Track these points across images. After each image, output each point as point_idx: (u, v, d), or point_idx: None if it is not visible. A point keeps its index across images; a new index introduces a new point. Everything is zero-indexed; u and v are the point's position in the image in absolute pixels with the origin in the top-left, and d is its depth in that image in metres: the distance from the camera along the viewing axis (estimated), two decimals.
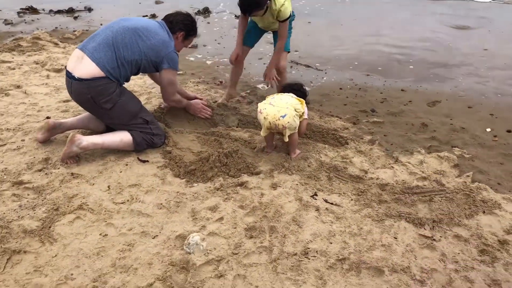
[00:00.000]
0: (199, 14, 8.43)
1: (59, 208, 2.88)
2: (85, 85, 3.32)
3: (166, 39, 3.57)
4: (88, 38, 3.51)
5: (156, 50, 3.49)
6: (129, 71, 3.50)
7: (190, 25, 3.76)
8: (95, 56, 3.34)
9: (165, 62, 3.55)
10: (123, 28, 3.45)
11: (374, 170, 3.39)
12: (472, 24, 7.68)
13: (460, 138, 3.92)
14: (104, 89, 3.36)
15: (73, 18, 8.21)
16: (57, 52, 6.07)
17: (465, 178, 3.31)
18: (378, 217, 2.85)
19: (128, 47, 3.41)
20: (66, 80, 3.47)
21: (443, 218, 2.86)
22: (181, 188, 3.11)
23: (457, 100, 4.77)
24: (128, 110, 3.50)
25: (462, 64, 5.86)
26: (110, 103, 3.40)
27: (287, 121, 3.29)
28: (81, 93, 3.38)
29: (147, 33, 3.48)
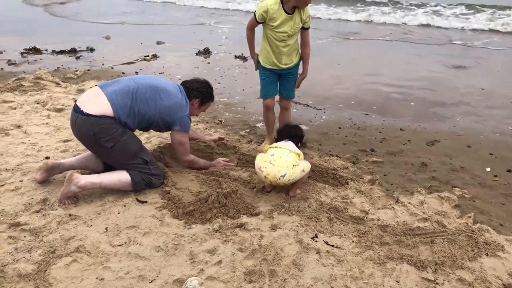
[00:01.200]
0: (199, 54, 8.57)
1: (55, 250, 2.83)
2: (91, 120, 3.34)
3: (182, 103, 3.73)
4: (112, 80, 3.63)
5: (170, 112, 3.64)
6: (137, 123, 3.58)
7: (205, 92, 3.95)
8: (112, 97, 3.42)
9: (177, 124, 3.69)
10: (146, 84, 3.59)
11: (374, 211, 3.36)
12: (468, 64, 7.80)
13: (460, 178, 3.91)
14: (108, 128, 3.38)
15: (75, 58, 8.35)
16: (58, 91, 6.13)
17: (467, 219, 3.28)
18: (380, 260, 2.80)
19: (145, 102, 3.52)
20: (72, 114, 3.49)
21: (445, 260, 2.81)
22: (179, 230, 3.07)
23: (456, 140, 4.79)
24: (128, 149, 3.51)
25: (460, 103, 5.91)
26: (111, 142, 3.40)
27: (288, 179, 3.37)
28: (85, 129, 3.39)
29: (167, 94, 3.64)
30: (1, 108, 5.39)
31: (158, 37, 9.99)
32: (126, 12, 13.69)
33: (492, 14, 12.23)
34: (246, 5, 14.67)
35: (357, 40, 10.15)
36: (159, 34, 10.50)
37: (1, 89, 6.12)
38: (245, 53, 8.44)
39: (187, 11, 14.13)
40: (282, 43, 4.05)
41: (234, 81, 7.01)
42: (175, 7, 14.97)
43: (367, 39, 10.17)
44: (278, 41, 4.05)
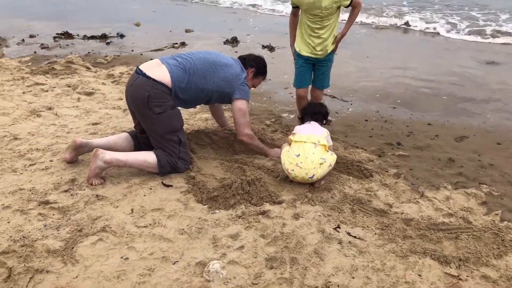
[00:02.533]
0: (227, 43, 8.59)
1: (82, 229, 2.91)
2: (150, 83, 3.47)
3: (238, 72, 3.83)
4: (171, 55, 3.75)
5: (228, 82, 3.74)
6: (193, 97, 3.68)
7: (261, 64, 4.07)
8: (172, 69, 3.54)
9: (236, 92, 3.77)
10: (203, 59, 3.71)
11: (399, 205, 3.33)
12: (500, 60, 7.60)
13: (488, 175, 3.83)
14: (162, 96, 3.49)
15: (106, 43, 8.47)
16: (89, 76, 6.25)
17: (494, 216, 3.22)
18: (402, 253, 2.78)
19: (202, 76, 3.63)
20: (131, 75, 3.64)
21: (470, 257, 2.77)
22: (203, 214, 3.11)
23: (485, 136, 4.69)
24: (171, 123, 3.58)
25: (491, 100, 5.77)
26: (160, 109, 3.49)
27: (317, 179, 3.43)
28: (141, 89, 3.48)
29: (224, 67, 3.76)
30: (34, 90, 5.53)
31: (187, 25, 10.04)
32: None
33: None
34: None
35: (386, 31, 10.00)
36: (189, 22, 10.56)
37: (34, 72, 6.27)
38: (272, 43, 8.43)
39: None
40: (316, 26, 4.09)
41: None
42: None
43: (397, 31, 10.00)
44: (312, 25, 4.09)
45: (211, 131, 4.36)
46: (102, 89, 5.71)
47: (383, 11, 11.71)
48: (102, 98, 5.38)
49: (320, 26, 4.12)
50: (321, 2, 3.98)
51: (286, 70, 6.95)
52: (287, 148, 3.57)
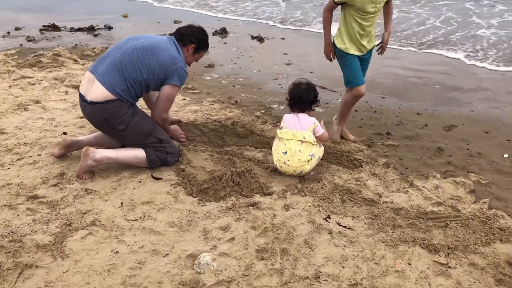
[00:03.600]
0: (216, 34, 8.54)
1: (72, 223, 2.90)
2: (98, 108, 3.36)
3: (175, 55, 3.53)
4: (98, 59, 3.55)
5: (164, 67, 3.46)
6: (139, 91, 3.51)
7: (201, 38, 3.73)
8: (104, 80, 3.36)
9: (173, 77, 3.50)
10: (131, 48, 3.45)
11: (388, 194, 3.35)
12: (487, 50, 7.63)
13: (476, 164, 3.87)
14: (117, 111, 3.39)
15: (93, 35, 8.38)
16: (76, 68, 6.19)
17: (482, 204, 3.25)
18: (392, 242, 2.80)
19: (136, 67, 3.40)
20: (80, 102, 3.52)
21: (458, 245, 2.80)
22: (193, 207, 3.11)
23: (473, 125, 4.72)
24: (141, 129, 3.53)
25: (479, 89, 5.80)
26: (123, 124, 3.43)
27: (305, 173, 3.49)
28: (95, 116, 3.43)
29: (155, 49, 3.47)
30: (20, 83, 5.46)
31: (176, 16, 9.96)
32: None
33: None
34: None
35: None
36: (178, 13, 10.48)
37: (21, 65, 6.19)
38: (262, 34, 8.39)
39: None
40: (368, 23, 3.85)
41: (250, 62, 6.98)
42: None
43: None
44: (364, 22, 3.84)
45: (201, 123, 4.34)
46: None
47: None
48: None
49: (371, 22, 3.88)
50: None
51: (276, 61, 6.94)
52: (276, 141, 3.57)
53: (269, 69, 6.52)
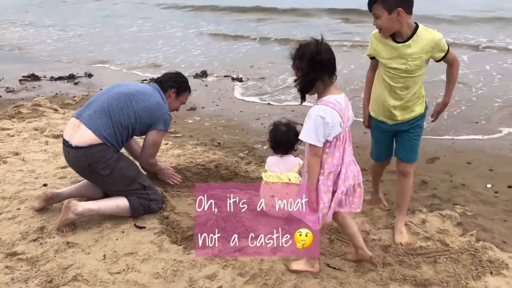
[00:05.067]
0: (197, 77, 8.62)
1: (52, 280, 2.79)
2: (82, 153, 3.33)
3: (160, 101, 3.65)
4: (84, 106, 3.58)
5: (150, 112, 3.56)
6: (125, 136, 3.53)
7: (180, 81, 3.87)
8: (91, 123, 3.38)
9: (159, 123, 3.60)
10: (117, 94, 3.54)
11: (376, 231, 3.32)
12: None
13: (461, 195, 3.87)
14: (102, 156, 3.37)
15: (74, 84, 8.39)
16: (57, 118, 6.14)
17: (469, 237, 3.23)
18: (383, 281, 2.75)
19: (123, 111, 3.46)
20: (63, 148, 3.50)
21: (449, 280, 2.76)
22: (178, 256, 3.03)
23: (455, 157, 4.76)
24: (125, 175, 3.49)
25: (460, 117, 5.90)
26: (108, 170, 3.39)
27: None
28: (79, 161, 3.39)
29: (141, 96, 3.57)
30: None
31: (157, 59, 10.08)
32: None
33: None
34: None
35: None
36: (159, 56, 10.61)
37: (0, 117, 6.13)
38: (241, 75, 8.51)
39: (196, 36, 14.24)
40: (398, 84, 3.04)
41: (232, 103, 7.03)
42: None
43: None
44: (393, 82, 3.06)
45: (184, 167, 4.31)
46: None
47: None
48: None
49: (403, 84, 3.04)
50: (406, 49, 2.95)
51: (257, 100, 7.01)
52: (263, 184, 3.53)
53: (251, 109, 6.56)
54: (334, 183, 2.64)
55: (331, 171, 2.60)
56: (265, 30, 13.91)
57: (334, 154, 2.60)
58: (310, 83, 2.54)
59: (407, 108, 3.12)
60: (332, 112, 2.52)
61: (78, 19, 17.64)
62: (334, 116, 2.52)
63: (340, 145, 2.61)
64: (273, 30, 13.83)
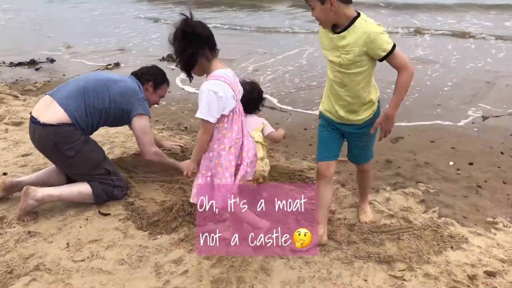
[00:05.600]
0: (163, 60, 8.47)
1: (13, 270, 2.72)
2: (50, 130, 3.25)
3: (135, 88, 3.59)
4: (59, 86, 3.53)
5: (125, 97, 3.48)
6: (97, 121, 3.46)
7: (156, 74, 3.82)
8: (64, 102, 3.32)
9: (136, 107, 3.50)
10: (94, 79, 3.51)
11: (341, 210, 3.36)
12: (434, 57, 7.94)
13: (424, 173, 3.96)
14: (69, 136, 3.29)
15: (35, 69, 8.11)
16: (17, 105, 5.94)
17: (432, 213, 3.31)
18: (347, 259, 2.80)
19: (98, 95, 3.41)
20: (29, 126, 3.41)
21: (412, 256, 2.83)
22: (143, 241, 3.00)
23: (419, 136, 4.85)
24: (91, 159, 3.41)
25: (425, 99, 5.99)
26: (73, 151, 3.31)
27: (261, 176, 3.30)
28: (45, 139, 3.30)
29: (117, 82, 3.54)
30: None
31: (123, 44, 9.85)
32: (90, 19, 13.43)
33: None
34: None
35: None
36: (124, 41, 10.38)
37: None
38: None
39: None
40: (336, 79, 2.79)
41: (199, 87, 6.93)
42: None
43: None
44: (331, 76, 2.82)
45: None
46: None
47: None
48: None
49: (340, 81, 2.78)
50: (340, 40, 2.67)
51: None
52: None
53: None
54: (238, 156, 2.66)
55: (231, 145, 2.61)
56: (237, 18, 13.76)
57: (233, 128, 2.62)
58: (190, 58, 2.54)
59: (351, 109, 2.85)
60: (223, 86, 2.54)
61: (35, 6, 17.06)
62: (226, 89, 2.55)
63: (237, 119, 2.64)
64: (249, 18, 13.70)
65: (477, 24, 10.87)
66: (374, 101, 2.88)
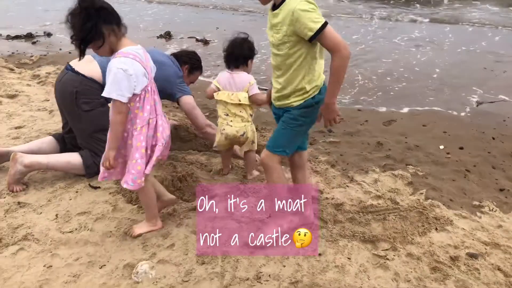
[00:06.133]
0: (160, 37, 8.42)
1: (1, 239, 2.75)
2: (78, 78, 3.34)
3: (177, 71, 3.76)
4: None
5: (168, 81, 3.60)
6: None
7: (193, 59, 3.99)
8: (104, 65, 3.31)
9: (178, 91, 3.70)
10: None
11: (329, 190, 3.39)
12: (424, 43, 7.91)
13: (414, 156, 3.98)
14: (92, 92, 3.34)
15: (32, 43, 8.07)
16: (12, 77, 5.92)
17: (419, 195, 3.34)
18: (332, 238, 2.83)
19: None
20: (61, 72, 3.53)
21: (396, 236, 2.86)
22: (132, 215, 3.03)
23: (412, 119, 4.87)
24: (100, 121, 3.38)
25: (418, 82, 5.99)
26: (89, 107, 3.36)
27: (247, 137, 3.37)
28: (70, 85, 3.35)
29: (159, 64, 3.39)
30: None
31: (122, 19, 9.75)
32: None
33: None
34: None
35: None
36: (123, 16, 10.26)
37: None
38: (207, 37, 8.34)
39: None
40: (273, 62, 2.63)
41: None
42: None
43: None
44: (271, 58, 2.66)
45: None
46: (27, 90, 5.42)
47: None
48: (27, 100, 5.11)
49: (275, 63, 2.60)
50: (274, 18, 2.49)
51: (219, 61, 6.90)
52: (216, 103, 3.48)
53: (212, 71, 6.48)
54: (153, 136, 2.60)
55: (143, 125, 2.53)
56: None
57: (145, 107, 2.52)
58: (90, 32, 2.36)
59: (283, 94, 2.62)
60: (133, 63, 2.43)
61: None
62: (136, 67, 2.45)
63: (149, 97, 2.55)
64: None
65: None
66: (308, 90, 2.56)
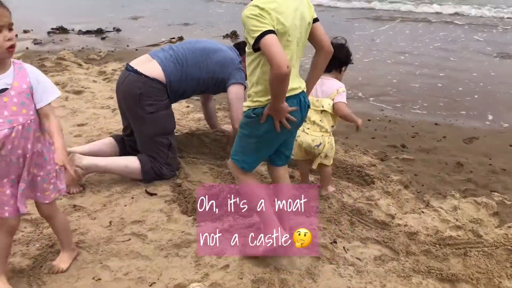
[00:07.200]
0: (226, 37, 8.33)
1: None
2: (142, 79, 3.27)
3: (234, 57, 3.62)
4: (159, 48, 3.59)
5: (222, 66, 3.53)
6: (190, 90, 3.51)
7: None
8: (164, 64, 3.35)
9: (232, 76, 3.55)
10: (193, 48, 3.52)
11: (402, 216, 3.05)
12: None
13: (500, 181, 3.55)
14: (156, 93, 3.29)
15: (101, 38, 8.24)
16: (80, 73, 6.01)
17: (506, 229, 2.93)
18: (405, 273, 2.51)
19: (196, 65, 3.45)
20: (122, 73, 3.48)
21: (480, 277, 2.49)
22: (187, 227, 2.85)
23: (496, 137, 4.39)
24: (163, 125, 3.38)
25: (503, 96, 5.46)
26: (153, 108, 3.29)
27: (322, 150, 3.06)
28: (133, 87, 3.28)
29: (215, 51, 3.55)
30: None
31: (188, 18, 9.79)
32: None
33: None
34: None
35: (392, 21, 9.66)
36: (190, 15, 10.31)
37: None
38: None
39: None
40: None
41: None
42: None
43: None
44: None
45: (202, 133, 4.10)
46: (92, 87, 5.47)
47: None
48: (91, 97, 5.14)
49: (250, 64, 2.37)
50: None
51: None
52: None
53: None
54: None
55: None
56: None
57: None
58: None
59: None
60: None
61: None
62: None
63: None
64: None
65: None
66: (253, 96, 2.35)
